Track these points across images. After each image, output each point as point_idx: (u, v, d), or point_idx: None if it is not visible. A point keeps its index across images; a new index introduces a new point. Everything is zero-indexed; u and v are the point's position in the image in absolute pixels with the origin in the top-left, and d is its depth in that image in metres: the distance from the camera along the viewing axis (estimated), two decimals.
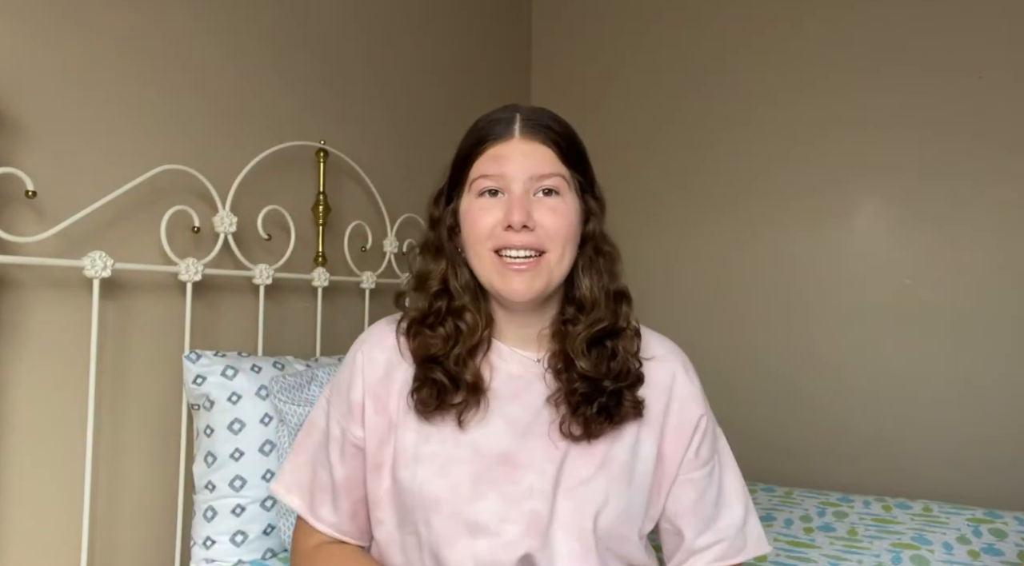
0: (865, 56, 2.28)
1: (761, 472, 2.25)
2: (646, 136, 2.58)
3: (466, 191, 0.86)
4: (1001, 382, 2.09)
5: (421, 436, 0.86)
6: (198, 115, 1.50)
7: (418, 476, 0.84)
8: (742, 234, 2.44)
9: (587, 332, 0.86)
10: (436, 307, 0.87)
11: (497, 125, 0.85)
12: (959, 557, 1.47)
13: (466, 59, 2.43)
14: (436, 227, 0.90)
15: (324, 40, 1.84)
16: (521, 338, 0.90)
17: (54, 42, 1.25)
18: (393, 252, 1.94)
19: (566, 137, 0.86)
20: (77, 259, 1.22)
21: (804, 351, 2.33)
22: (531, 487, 0.83)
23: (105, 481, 1.32)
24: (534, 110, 0.87)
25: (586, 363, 0.85)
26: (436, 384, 0.84)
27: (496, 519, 0.82)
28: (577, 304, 0.88)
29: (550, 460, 0.84)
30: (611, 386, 0.85)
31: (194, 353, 1.35)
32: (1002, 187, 2.11)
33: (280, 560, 1.32)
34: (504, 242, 0.82)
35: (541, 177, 0.83)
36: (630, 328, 0.90)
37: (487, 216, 0.83)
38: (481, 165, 0.84)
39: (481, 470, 0.84)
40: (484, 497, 0.83)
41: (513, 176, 0.82)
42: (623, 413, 0.86)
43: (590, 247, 0.88)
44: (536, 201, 0.83)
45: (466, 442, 0.85)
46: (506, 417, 0.86)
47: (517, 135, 0.84)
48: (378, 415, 0.89)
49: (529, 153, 0.83)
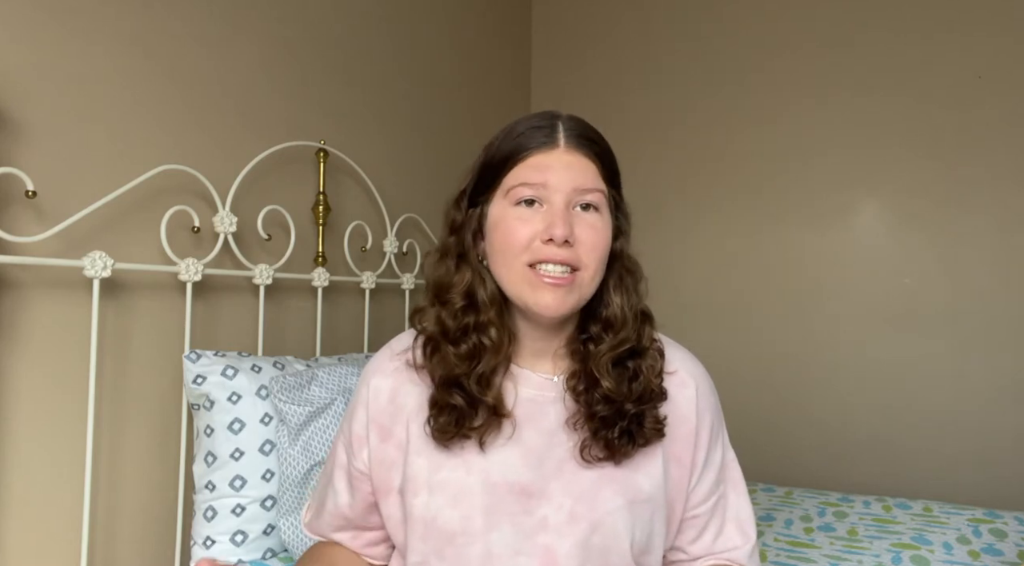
0: (867, 57, 2.28)
1: (761, 472, 2.25)
2: (646, 138, 2.58)
3: (499, 197, 0.82)
4: (1001, 382, 2.09)
5: (433, 463, 0.82)
6: (198, 115, 1.50)
7: (431, 506, 0.81)
8: (742, 235, 2.44)
9: (612, 352, 0.82)
10: (462, 323, 0.82)
11: (539, 132, 0.81)
12: (959, 557, 1.47)
13: (466, 59, 2.43)
14: (459, 232, 0.85)
15: (324, 40, 1.84)
16: (536, 355, 0.87)
17: (54, 42, 1.25)
18: (393, 252, 1.94)
19: (606, 152, 0.83)
20: (77, 259, 1.22)
21: (804, 351, 2.34)
22: (545, 519, 0.80)
23: (105, 481, 1.32)
24: (576, 121, 0.83)
25: (610, 383, 0.81)
26: (455, 410, 0.80)
27: (510, 551, 0.79)
28: (604, 322, 0.84)
29: (567, 492, 0.81)
30: (633, 409, 0.81)
31: (194, 353, 1.35)
32: (1002, 188, 2.11)
33: (280, 560, 1.32)
34: (542, 256, 0.78)
35: (584, 191, 0.79)
36: (653, 347, 0.86)
37: (525, 227, 0.78)
38: (521, 172, 0.80)
39: (494, 500, 0.80)
40: (498, 528, 0.80)
41: (556, 187, 0.78)
42: (646, 435, 0.82)
43: (619, 266, 0.85)
44: (576, 216, 0.79)
45: (479, 469, 0.81)
46: (520, 444, 0.82)
47: (562, 145, 0.80)
48: (384, 443, 0.86)
49: (573, 165, 0.79)
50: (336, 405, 1.37)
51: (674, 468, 0.86)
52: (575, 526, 0.80)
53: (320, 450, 1.32)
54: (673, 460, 0.86)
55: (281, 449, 1.31)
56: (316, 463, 1.31)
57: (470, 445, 0.82)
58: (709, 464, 0.89)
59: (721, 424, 0.93)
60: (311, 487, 1.29)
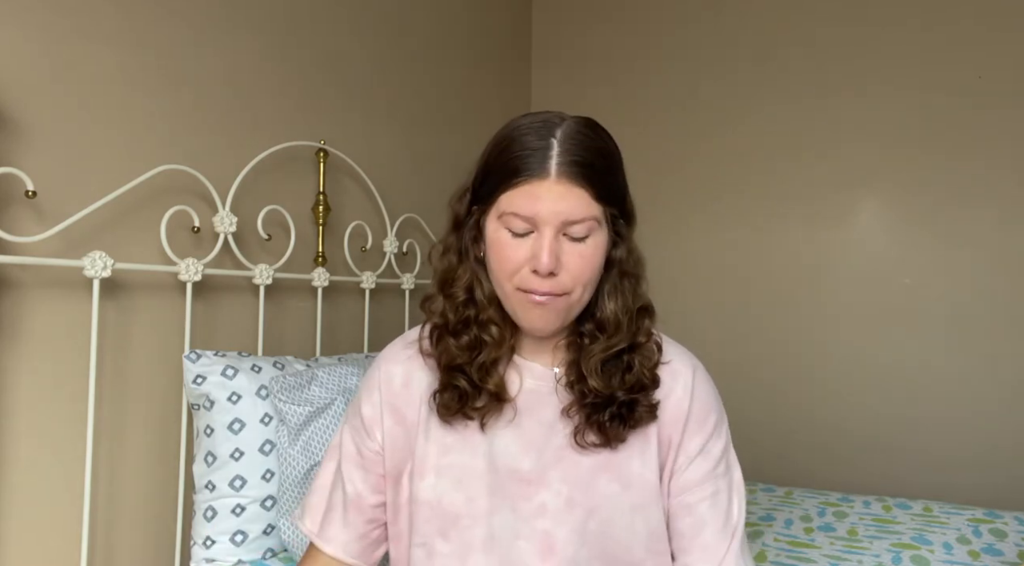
0: (866, 57, 2.28)
1: (761, 472, 2.25)
2: (645, 138, 2.58)
3: (493, 214, 0.82)
4: (1001, 382, 2.09)
5: (442, 447, 0.86)
6: (198, 115, 1.50)
7: (437, 488, 0.85)
8: (741, 235, 2.44)
9: (603, 353, 0.84)
10: (463, 316, 0.85)
11: (532, 157, 0.78)
12: (959, 557, 1.47)
13: (466, 59, 2.43)
14: (459, 230, 0.87)
15: (324, 40, 1.84)
16: (537, 346, 0.89)
17: (54, 42, 1.25)
18: (393, 252, 1.94)
19: (603, 171, 0.80)
20: (77, 259, 1.22)
21: (804, 350, 2.34)
22: (544, 505, 0.83)
23: (105, 481, 1.32)
24: (572, 141, 0.79)
25: (598, 382, 0.83)
26: (458, 390, 0.84)
27: (510, 535, 0.82)
28: (598, 323, 0.86)
29: (564, 479, 0.84)
30: (623, 397, 0.83)
31: (194, 353, 1.35)
32: (1002, 187, 2.11)
33: (280, 560, 1.32)
34: (528, 285, 0.79)
35: (573, 223, 0.78)
36: (650, 341, 0.87)
37: (514, 253, 0.80)
38: (513, 199, 0.79)
39: (497, 485, 0.84)
40: (499, 511, 0.83)
41: (545, 219, 0.77)
42: (637, 417, 0.84)
43: (616, 272, 0.86)
44: (565, 245, 0.79)
45: (483, 453, 0.85)
46: (521, 433, 0.86)
47: (552, 175, 0.77)
48: (397, 425, 0.89)
49: (563, 196, 0.77)
50: (336, 405, 1.37)
51: (665, 451, 0.88)
52: (572, 512, 0.83)
53: (320, 450, 1.32)
54: (664, 443, 0.88)
55: (281, 449, 1.31)
56: (316, 463, 1.31)
57: (474, 425, 0.85)
58: (705, 453, 0.88)
59: (721, 422, 0.92)
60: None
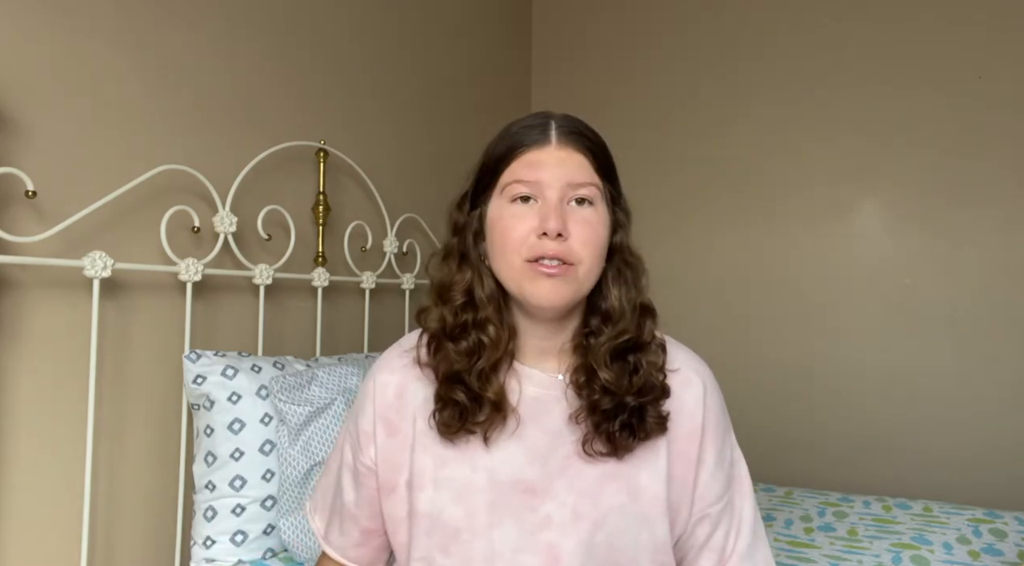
0: (867, 57, 2.28)
1: (761, 472, 2.24)
2: (645, 138, 2.58)
3: (496, 195, 0.83)
4: (1001, 382, 2.09)
5: (439, 459, 0.84)
6: (198, 115, 1.50)
7: (436, 502, 0.83)
8: (741, 235, 2.44)
9: (611, 343, 0.83)
10: (461, 320, 0.84)
11: (532, 130, 0.83)
12: (959, 557, 1.47)
13: (466, 59, 2.43)
14: (461, 233, 0.87)
15: (324, 40, 1.84)
16: (541, 352, 0.87)
17: (54, 42, 1.25)
18: (393, 252, 1.94)
19: (600, 147, 0.84)
20: (77, 259, 1.22)
21: (804, 351, 2.34)
22: (549, 517, 0.81)
23: (105, 481, 1.32)
24: (568, 118, 0.85)
25: (608, 374, 0.81)
26: (458, 405, 0.82)
27: (513, 549, 0.80)
28: (603, 315, 0.85)
29: (570, 489, 0.82)
30: (633, 402, 0.82)
31: (194, 353, 1.35)
32: (1002, 187, 2.11)
33: (280, 560, 1.32)
34: (538, 251, 0.79)
35: (577, 185, 0.80)
36: (655, 342, 0.87)
37: (521, 223, 0.80)
38: (515, 170, 0.81)
39: (499, 497, 0.81)
40: (501, 525, 0.81)
41: (549, 183, 0.80)
42: (647, 429, 0.82)
43: (618, 259, 0.86)
44: (570, 210, 0.80)
45: (483, 466, 0.83)
46: (525, 442, 0.83)
47: (553, 141, 0.81)
48: (391, 438, 0.87)
49: (565, 160, 0.81)
50: (336, 405, 1.37)
51: (679, 466, 0.86)
52: (578, 524, 0.80)
53: (320, 450, 1.32)
54: (677, 457, 0.86)
55: (281, 449, 1.31)
56: (316, 463, 1.31)
57: (475, 441, 0.83)
58: (720, 462, 0.89)
59: (729, 426, 0.92)
60: (311, 487, 1.30)
